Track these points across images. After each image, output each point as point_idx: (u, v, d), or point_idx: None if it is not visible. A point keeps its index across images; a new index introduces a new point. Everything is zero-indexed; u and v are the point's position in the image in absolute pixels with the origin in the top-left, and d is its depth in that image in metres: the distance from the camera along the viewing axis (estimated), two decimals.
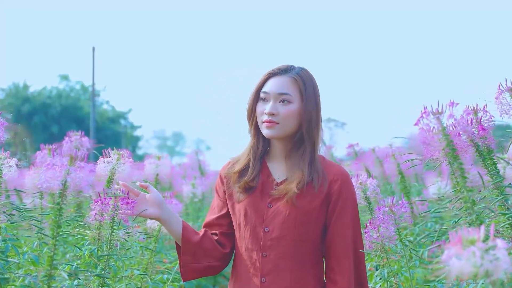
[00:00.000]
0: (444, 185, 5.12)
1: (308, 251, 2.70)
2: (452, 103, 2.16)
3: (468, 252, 1.54)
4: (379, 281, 3.17)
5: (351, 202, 2.73)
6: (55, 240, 2.24)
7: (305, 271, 2.69)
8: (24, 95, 41.20)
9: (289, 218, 2.68)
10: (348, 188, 2.73)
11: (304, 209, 2.67)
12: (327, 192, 2.69)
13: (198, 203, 7.35)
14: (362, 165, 5.31)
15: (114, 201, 2.81)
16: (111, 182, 3.23)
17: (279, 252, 2.69)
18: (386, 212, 2.87)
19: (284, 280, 2.67)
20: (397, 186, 5.28)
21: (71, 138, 4.36)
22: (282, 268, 2.68)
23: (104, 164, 3.23)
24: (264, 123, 2.72)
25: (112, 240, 2.83)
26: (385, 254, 3.00)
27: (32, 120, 39.99)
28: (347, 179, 2.74)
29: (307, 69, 2.82)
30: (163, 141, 72.37)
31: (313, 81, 2.78)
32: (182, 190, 7.22)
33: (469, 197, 2.22)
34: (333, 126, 55.21)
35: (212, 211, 2.94)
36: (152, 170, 4.58)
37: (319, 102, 2.78)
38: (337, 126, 55.32)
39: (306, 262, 2.70)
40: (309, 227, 2.69)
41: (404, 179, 4.48)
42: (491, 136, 2.64)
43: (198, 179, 7.33)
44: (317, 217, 2.69)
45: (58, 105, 41.52)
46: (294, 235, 2.68)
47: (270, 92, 2.72)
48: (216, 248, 2.83)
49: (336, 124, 55.31)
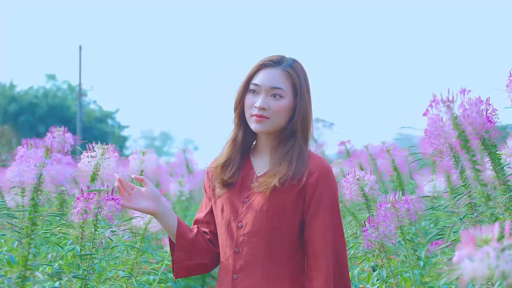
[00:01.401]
0: (439, 182, 5.00)
1: (283, 248, 2.57)
2: (464, 90, 1.99)
3: (482, 252, 1.39)
4: (377, 282, 3.03)
5: (329, 197, 2.57)
6: (30, 239, 2.06)
7: (279, 269, 2.56)
8: (10, 94, 40.93)
9: (262, 212, 2.57)
10: (326, 182, 2.57)
11: (278, 203, 2.56)
12: (302, 185, 2.56)
13: (185, 201, 7.20)
14: (356, 162, 5.15)
15: (98, 198, 2.67)
16: (96, 178, 3.07)
17: (251, 248, 2.57)
18: (388, 208, 2.70)
19: (255, 278, 2.56)
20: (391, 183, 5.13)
21: (54, 134, 4.14)
22: (254, 265, 2.57)
23: (88, 159, 3.05)
24: (254, 116, 2.62)
25: (96, 239, 2.67)
26: (385, 254, 2.84)
27: (19, 119, 39.74)
28: (326, 172, 2.59)
29: (298, 61, 2.71)
30: (151, 141, 72.29)
31: (305, 75, 2.70)
32: (169, 188, 7.05)
33: (484, 192, 2.04)
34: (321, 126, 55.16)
35: (200, 208, 2.87)
36: (136, 166, 4.40)
37: (310, 96, 2.70)
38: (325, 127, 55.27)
39: (281, 259, 2.56)
40: (283, 222, 2.56)
41: (399, 176, 4.31)
42: (497, 130, 2.51)
43: (185, 177, 7.17)
44: (292, 211, 2.56)
45: (45, 104, 41.32)
46: (266, 231, 2.56)
47: (262, 85, 2.62)
48: (208, 246, 2.75)
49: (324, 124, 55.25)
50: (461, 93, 2.00)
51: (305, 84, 2.67)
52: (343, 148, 6.29)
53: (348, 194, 3.11)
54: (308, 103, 2.66)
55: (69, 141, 4.12)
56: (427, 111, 2.01)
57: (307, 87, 2.68)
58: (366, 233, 2.78)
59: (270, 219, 2.55)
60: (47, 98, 42.23)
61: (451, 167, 2.97)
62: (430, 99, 1.98)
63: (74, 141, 4.15)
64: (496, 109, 2.54)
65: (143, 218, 3.46)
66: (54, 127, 4.21)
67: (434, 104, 1.99)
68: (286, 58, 2.67)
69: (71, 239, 2.89)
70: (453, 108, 2.00)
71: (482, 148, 2.45)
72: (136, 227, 3.56)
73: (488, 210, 2.07)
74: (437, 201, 5.08)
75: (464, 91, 2.00)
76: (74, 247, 2.84)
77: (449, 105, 1.98)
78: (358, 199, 3.09)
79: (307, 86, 2.68)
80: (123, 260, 3.72)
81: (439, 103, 1.99)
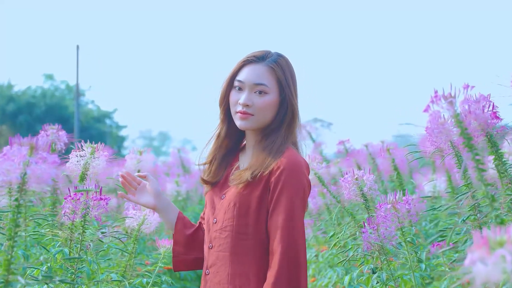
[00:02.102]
0: (440, 182, 4.91)
1: (250, 245, 2.51)
2: (467, 85, 1.88)
3: (497, 255, 1.29)
4: (377, 285, 2.93)
5: (289, 193, 2.45)
6: (13, 241, 1.96)
7: (246, 267, 2.51)
8: (8, 94, 40.77)
9: (229, 209, 2.55)
10: (288, 177, 2.46)
11: (244, 199, 2.52)
12: (266, 181, 2.50)
13: (182, 202, 7.08)
14: (354, 161, 5.03)
15: (86, 198, 2.57)
16: (85, 177, 2.97)
17: (221, 244, 2.56)
18: (388, 209, 2.59)
19: (222, 275, 2.54)
20: (390, 183, 5.03)
21: (47, 131, 4.03)
22: (223, 261, 2.54)
23: (76, 158, 2.96)
24: (238, 113, 2.59)
25: (84, 241, 2.58)
26: (385, 256, 2.74)
27: (17, 119, 39.60)
28: (290, 167, 2.48)
29: (284, 55, 2.66)
30: (149, 141, 72.28)
31: (291, 70, 2.65)
32: (166, 188, 6.94)
33: (488, 193, 1.93)
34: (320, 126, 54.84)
35: (204, 205, 2.86)
36: (133, 166, 4.30)
37: (297, 91, 2.66)
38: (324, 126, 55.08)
39: (248, 257, 2.51)
40: (249, 219, 2.52)
41: (400, 175, 4.20)
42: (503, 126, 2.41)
43: (182, 177, 7.06)
44: (258, 208, 2.51)
45: (42, 104, 41.18)
46: (234, 227, 2.53)
47: (245, 81, 2.59)
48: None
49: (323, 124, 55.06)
50: (464, 88, 1.90)
51: (291, 79, 2.62)
52: (342, 147, 6.19)
53: (347, 194, 3.01)
54: (294, 99, 2.60)
55: (63, 139, 4.01)
56: (428, 108, 1.89)
57: (293, 82, 2.63)
58: (366, 234, 2.68)
59: (237, 215, 2.52)
60: (45, 98, 42.10)
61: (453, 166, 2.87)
62: (431, 95, 1.87)
63: (69, 139, 4.04)
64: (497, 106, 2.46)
65: (136, 219, 3.37)
66: (48, 125, 4.11)
67: (436, 100, 1.87)
68: (270, 54, 2.62)
69: (59, 241, 2.80)
70: (455, 105, 1.89)
71: (488, 145, 2.35)
72: (129, 228, 3.47)
73: (493, 211, 1.96)
74: (437, 201, 4.99)
75: (467, 87, 1.90)
76: (62, 249, 2.75)
77: (451, 101, 1.86)
78: (357, 199, 2.99)
79: (293, 81, 2.63)
80: (117, 262, 3.62)
81: (441, 99, 1.87)
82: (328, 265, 4.53)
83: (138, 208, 3.37)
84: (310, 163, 3.43)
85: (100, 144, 3.05)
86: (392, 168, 4.21)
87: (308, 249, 5.55)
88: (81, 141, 3.05)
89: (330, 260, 4.39)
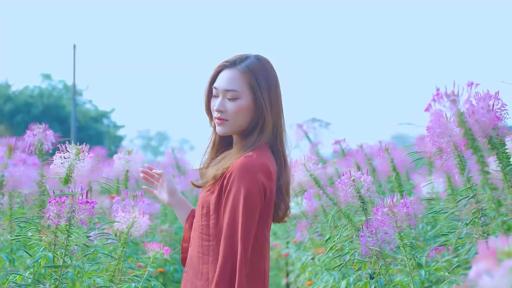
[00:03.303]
0: (438, 183, 4.80)
1: (212, 246, 2.55)
2: (471, 83, 1.75)
3: (504, 267, 1.17)
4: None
5: (234, 194, 2.45)
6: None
7: (208, 268, 2.54)
8: (5, 94, 40.68)
9: (198, 209, 2.63)
10: (236, 179, 2.46)
11: (205, 200, 2.59)
12: (221, 183, 2.53)
13: None
14: (353, 161, 4.90)
15: (71, 201, 2.46)
16: (69, 180, 2.85)
17: (193, 244, 2.65)
18: (385, 213, 2.47)
19: (191, 274, 2.61)
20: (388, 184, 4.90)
21: (34, 131, 3.91)
22: (193, 261, 2.61)
23: (60, 160, 2.84)
24: (215, 119, 2.64)
25: (69, 245, 2.46)
26: (383, 261, 2.62)
27: (14, 119, 39.50)
28: (240, 168, 2.47)
29: (262, 57, 2.66)
30: (147, 141, 72.15)
31: (266, 73, 2.62)
32: None
33: (494, 197, 1.79)
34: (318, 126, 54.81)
35: None
36: (122, 167, 4.14)
37: (276, 93, 2.63)
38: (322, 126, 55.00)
39: (210, 258, 2.55)
40: (209, 220, 2.57)
41: (399, 176, 4.06)
42: (505, 126, 2.30)
43: (176, 178, 6.91)
44: (215, 210, 2.54)
45: (40, 104, 41.12)
46: (199, 228, 2.60)
47: (219, 87, 2.62)
48: None
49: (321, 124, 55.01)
50: (468, 86, 1.77)
51: (265, 81, 2.60)
52: (338, 147, 6.07)
53: (343, 196, 2.89)
54: (264, 102, 2.58)
55: (50, 139, 3.89)
56: (429, 106, 1.76)
57: (269, 85, 2.60)
58: (364, 238, 2.56)
59: (200, 217, 2.60)
60: (42, 97, 42.04)
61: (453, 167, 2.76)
62: (433, 93, 1.74)
63: (56, 139, 3.92)
64: (506, 104, 2.35)
65: (125, 222, 3.25)
66: (34, 124, 3.99)
67: (438, 99, 1.74)
68: (245, 58, 2.62)
69: (42, 245, 2.69)
70: (458, 103, 1.76)
71: (489, 147, 2.24)
72: (118, 231, 3.35)
73: (499, 217, 1.83)
74: (436, 202, 4.88)
75: (471, 84, 1.77)
76: (45, 254, 2.64)
77: (454, 100, 1.73)
78: (354, 201, 2.88)
79: (269, 84, 2.61)
80: (107, 266, 3.51)
81: (443, 97, 1.74)
82: (325, 268, 4.42)
83: (127, 210, 3.25)
84: (305, 164, 3.32)
85: (85, 145, 2.93)
86: (391, 168, 4.08)
87: (305, 252, 5.44)
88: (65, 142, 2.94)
89: (327, 263, 4.28)
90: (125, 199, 3.50)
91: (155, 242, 3.43)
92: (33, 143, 3.88)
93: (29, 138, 3.90)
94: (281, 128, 2.65)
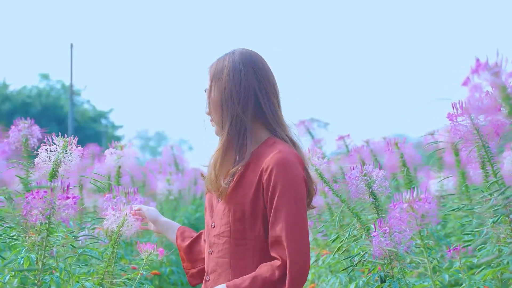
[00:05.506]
0: (448, 180, 4.59)
1: (249, 250, 2.43)
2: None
3: None
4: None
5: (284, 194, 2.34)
6: None
7: (247, 272, 2.40)
8: (3, 94, 40.61)
9: (225, 214, 2.48)
10: (281, 176, 2.35)
11: (238, 204, 2.44)
12: (257, 182, 2.41)
13: (174, 201, 6.68)
14: (358, 157, 4.64)
15: (51, 196, 2.21)
16: (55, 175, 2.62)
17: (220, 250, 2.50)
18: (404, 209, 2.19)
19: (222, 282, 2.45)
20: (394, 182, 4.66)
21: (19, 126, 3.71)
22: (223, 267, 2.48)
23: (46, 153, 2.59)
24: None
25: (48, 246, 2.21)
26: (398, 263, 2.37)
27: (12, 119, 39.43)
28: (280, 164, 2.37)
29: (237, 51, 2.55)
30: (146, 141, 72.08)
31: (224, 65, 2.53)
32: (157, 187, 6.54)
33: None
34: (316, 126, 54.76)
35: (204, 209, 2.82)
36: (113, 163, 3.89)
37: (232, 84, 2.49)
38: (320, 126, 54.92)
39: (247, 262, 2.43)
40: (246, 223, 2.43)
41: (409, 172, 3.80)
42: None
43: (174, 175, 6.66)
44: (253, 212, 2.42)
45: (38, 104, 41.13)
46: (231, 233, 2.46)
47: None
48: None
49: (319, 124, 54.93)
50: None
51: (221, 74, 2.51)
52: (342, 143, 5.82)
53: (354, 192, 2.64)
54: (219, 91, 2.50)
55: (36, 134, 3.69)
56: (467, 80, 1.50)
57: (227, 75, 2.49)
58: (377, 238, 2.30)
59: (233, 220, 2.45)
60: (40, 97, 42.06)
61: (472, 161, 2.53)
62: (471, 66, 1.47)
63: (42, 135, 3.71)
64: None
65: (116, 221, 3.00)
66: (20, 119, 3.79)
67: (478, 71, 1.47)
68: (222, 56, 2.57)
69: (25, 246, 2.46)
70: (502, 76, 1.48)
71: None
72: (108, 230, 3.10)
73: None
74: (445, 201, 4.65)
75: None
76: (28, 256, 2.40)
77: (497, 72, 1.46)
78: (365, 197, 2.63)
79: (228, 74, 2.50)
80: (97, 268, 3.27)
81: (484, 69, 1.48)
82: (329, 271, 4.17)
83: (118, 208, 3.01)
84: (310, 158, 3.08)
85: (73, 137, 2.70)
86: (401, 164, 3.82)
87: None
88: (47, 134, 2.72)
89: (332, 265, 4.02)
90: (117, 197, 3.28)
91: (150, 242, 3.20)
92: (18, 139, 3.68)
93: (14, 133, 3.70)
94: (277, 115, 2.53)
